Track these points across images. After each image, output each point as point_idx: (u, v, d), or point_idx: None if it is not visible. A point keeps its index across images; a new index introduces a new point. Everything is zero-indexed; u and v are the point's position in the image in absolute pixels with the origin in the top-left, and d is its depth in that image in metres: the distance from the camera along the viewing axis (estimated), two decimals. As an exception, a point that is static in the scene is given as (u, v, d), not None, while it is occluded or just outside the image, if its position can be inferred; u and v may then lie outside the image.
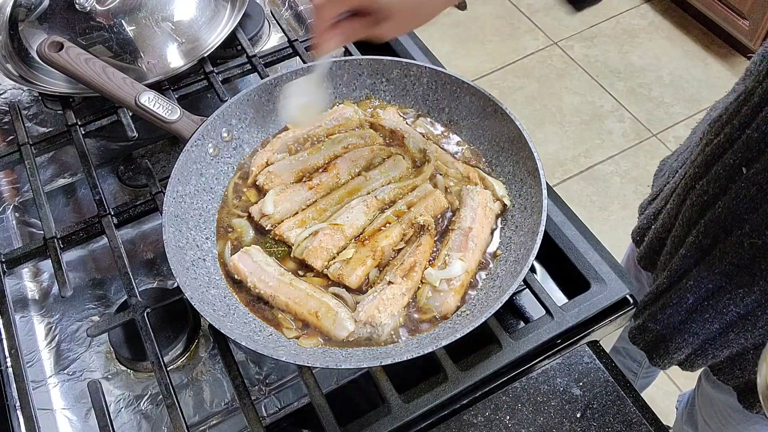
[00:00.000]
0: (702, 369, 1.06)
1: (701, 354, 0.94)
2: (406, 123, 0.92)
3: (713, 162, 0.82)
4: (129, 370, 0.85)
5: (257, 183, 0.87)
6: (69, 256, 0.95)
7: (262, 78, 1.03)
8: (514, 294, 0.79)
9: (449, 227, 0.82)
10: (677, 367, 1.01)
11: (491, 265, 0.79)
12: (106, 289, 0.93)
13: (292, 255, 0.80)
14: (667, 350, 0.96)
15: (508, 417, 0.72)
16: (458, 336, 0.67)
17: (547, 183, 0.79)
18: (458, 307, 0.75)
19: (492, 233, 0.81)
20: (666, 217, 0.94)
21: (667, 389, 2.03)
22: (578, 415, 0.72)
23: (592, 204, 2.47)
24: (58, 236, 0.88)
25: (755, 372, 0.84)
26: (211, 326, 0.70)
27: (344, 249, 0.80)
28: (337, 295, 0.76)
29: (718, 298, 0.86)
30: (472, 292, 0.77)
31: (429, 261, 0.79)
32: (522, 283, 0.72)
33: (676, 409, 1.76)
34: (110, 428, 0.72)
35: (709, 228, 0.83)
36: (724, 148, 0.79)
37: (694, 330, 0.90)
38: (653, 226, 0.99)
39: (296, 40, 1.09)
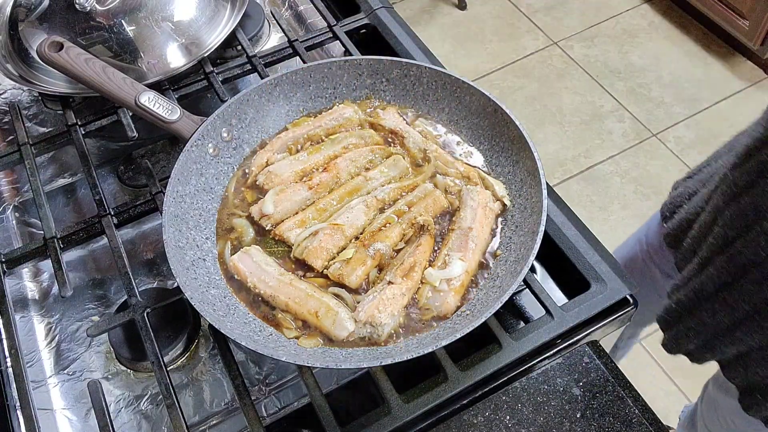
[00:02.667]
0: (711, 377, 1.08)
1: (709, 348, 0.94)
2: (406, 123, 0.92)
3: (749, 157, 0.82)
4: (129, 370, 0.85)
5: (257, 183, 0.87)
6: (69, 256, 0.95)
7: (262, 78, 1.03)
8: (514, 294, 0.79)
9: (449, 227, 0.82)
10: (686, 358, 1.02)
11: (491, 265, 0.79)
12: (106, 289, 0.93)
13: (292, 255, 0.80)
14: (677, 337, 0.97)
15: (508, 417, 0.72)
16: (458, 336, 0.67)
17: (547, 183, 0.79)
18: (458, 307, 0.75)
19: (492, 233, 0.81)
20: (698, 200, 0.96)
21: (668, 389, 2.04)
22: (578, 415, 0.72)
23: (592, 204, 2.48)
24: (58, 236, 0.88)
25: (757, 373, 0.87)
26: (211, 326, 0.70)
27: (344, 249, 0.80)
28: (337, 295, 0.76)
29: (731, 291, 0.86)
30: (472, 292, 0.77)
31: (429, 261, 0.79)
32: (522, 283, 0.72)
33: (679, 419, 1.76)
34: (110, 428, 0.72)
35: (734, 220, 0.83)
36: (762, 144, 0.79)
37: (704, 320, 0.91)
38: (685, 205, 1.00)
39: (296, 40, 1.09)
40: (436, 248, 0.80)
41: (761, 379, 0.94)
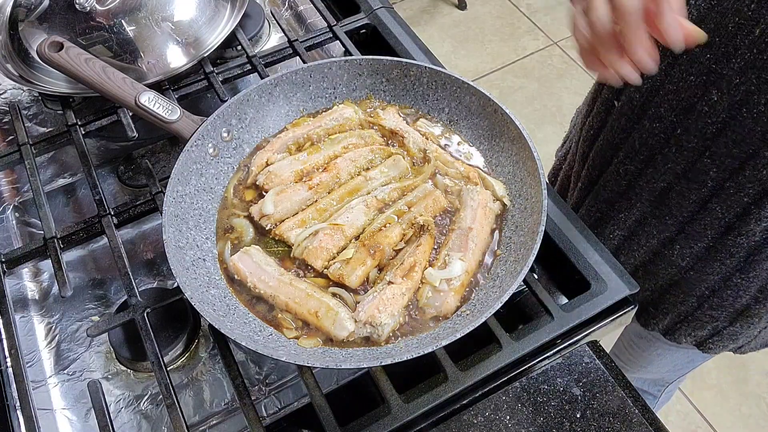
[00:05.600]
0: None
1: None
2: (406, 123, 0.92)
3: (596, 98, 0.95)
4: (129, 370, 0.85)
5: (257, 183, 0.87)
6: (69, 256, 0.95)
7: (262, 78, 1.03)
8: (514, 294, 0.79)
9: (449, 227, 0.82)
10: None
11: (491, 265, 0.79)
12: (106, 289, 0.93)
13: (292, 255, 0.80)
14: None
15: (508, 417, 0.72)
16: (458, 336, 0.67)
17: (547, 183, 0.79)
18: (458, 307, 0.75)
19: (492, 233, 0.81)
20: (570, 156, 1.09)
21: (667, 389, 2.03)
22: (578, 415, 0.72)
23: (592, 204, 2.47)
24: (58, 236, 0.88)
25: (645, 288, 1.02)
26: (211, 326, 0.70)
27: (344, 249, 0.80)
28: (337, 295, 0.76)
29: (604, 225, 0.98)
30: (473, 292, 0.77)
31: (429, 261, 0.79)
32: (522, 283, 0.72)
33: None
34: (110, 428, 0.72)
35: (595, 160, 0.95)
36: (602, 84, 0.92)
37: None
38: (563, 167, 1.14)
39: (296, 40, 1.09)
40: (436, 248, 0.80)
41: (650, 293, 1.03)
